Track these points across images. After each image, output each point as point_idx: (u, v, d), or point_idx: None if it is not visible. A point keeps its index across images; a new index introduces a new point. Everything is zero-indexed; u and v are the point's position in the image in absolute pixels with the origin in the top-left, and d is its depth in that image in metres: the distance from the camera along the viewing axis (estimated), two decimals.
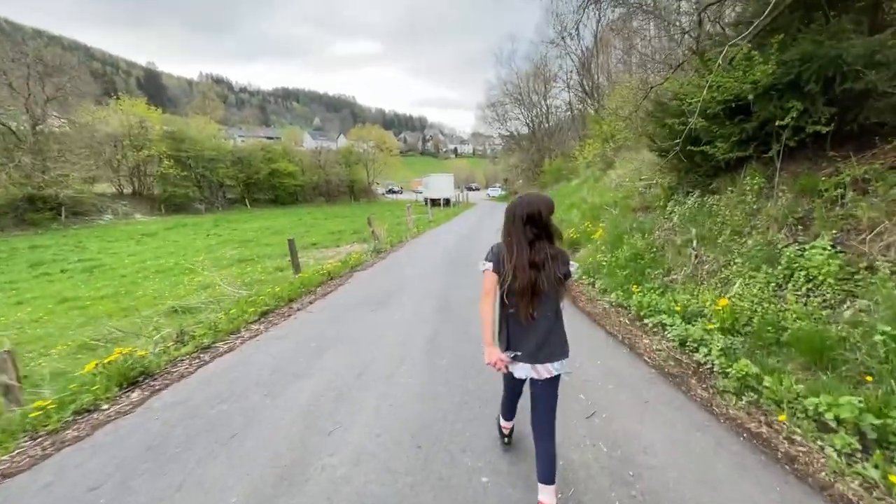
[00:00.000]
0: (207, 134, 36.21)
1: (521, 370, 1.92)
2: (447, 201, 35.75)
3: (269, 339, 4.62)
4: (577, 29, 23.99)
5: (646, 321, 4.17)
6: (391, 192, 62.12)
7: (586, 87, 22.18)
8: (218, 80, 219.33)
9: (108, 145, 29.46)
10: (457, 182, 51.58)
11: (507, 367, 1.94)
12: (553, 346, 1.89)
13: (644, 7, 14.16)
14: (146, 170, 31.32)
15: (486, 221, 18.96)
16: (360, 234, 14.76)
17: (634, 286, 4.85)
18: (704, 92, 4.31)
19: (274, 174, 38.03)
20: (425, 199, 36.36)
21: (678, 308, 3.96)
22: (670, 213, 6.03)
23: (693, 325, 3.64)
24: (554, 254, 1.83)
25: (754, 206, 4.56)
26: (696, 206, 5.45)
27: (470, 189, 65.12)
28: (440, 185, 35.55)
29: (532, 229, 1.81)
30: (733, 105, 4.59)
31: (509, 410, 2.38)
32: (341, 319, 5.13)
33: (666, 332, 3.82)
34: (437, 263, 8.72)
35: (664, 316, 3.98)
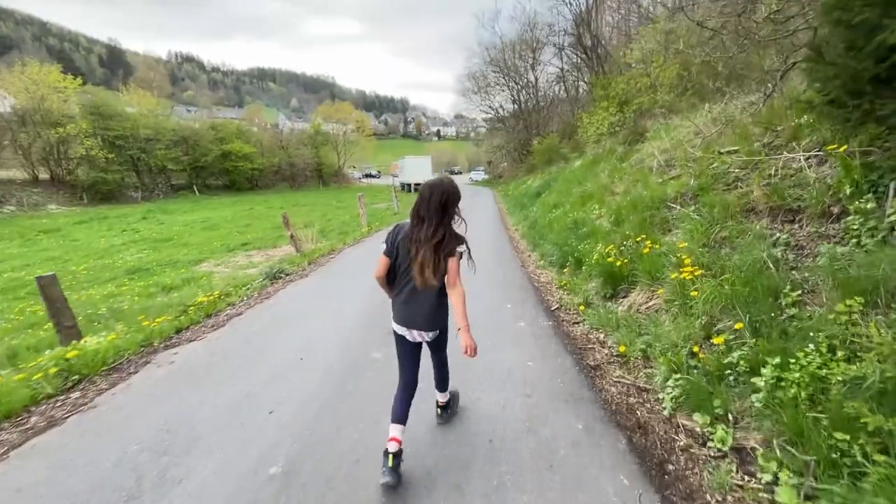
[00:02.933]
0: (143, 110, 30.97)
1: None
2: None
3: None
4: None
5: None
6: (368, 176, 57.74)
7: (585, 45, 17.98)
8: (189, 59, 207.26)
9: (14, 121, 24.37)
10: (437, 165, 47.38)
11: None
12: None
13: None
14: (66, 152, 26.22)
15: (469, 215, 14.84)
16: (312, 229, 11.12)
17: None
18: None
19: (227, 156, 33.14)
20: (402, 185, 32.52)
21: None
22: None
23: None
24: None
25: None
26: None
27: (451, 173, 61.02)
28: (417, 168, 31.52)
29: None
30: None
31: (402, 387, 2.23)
32: None
33: None
34: (354, 325, 4.37)
35: None
